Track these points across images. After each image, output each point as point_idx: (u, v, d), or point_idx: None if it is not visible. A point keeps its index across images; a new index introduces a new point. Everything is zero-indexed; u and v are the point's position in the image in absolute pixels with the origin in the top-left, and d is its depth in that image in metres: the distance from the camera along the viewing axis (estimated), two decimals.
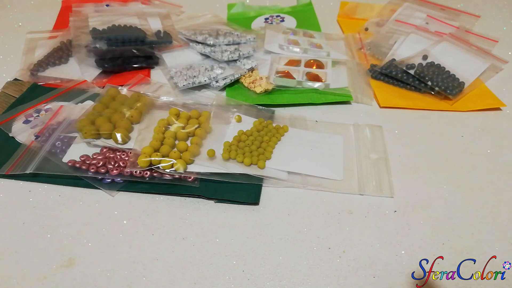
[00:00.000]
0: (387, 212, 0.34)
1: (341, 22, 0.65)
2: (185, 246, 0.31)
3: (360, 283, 0.29)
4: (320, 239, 0.32)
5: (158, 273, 0.29)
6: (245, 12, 0.66)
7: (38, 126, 0.39)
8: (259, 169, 0.36)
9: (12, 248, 0.30)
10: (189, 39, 0.53)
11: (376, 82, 0.50)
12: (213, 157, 0.36)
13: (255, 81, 0.47)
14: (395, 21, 0.58)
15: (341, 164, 0.38)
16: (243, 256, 0.30)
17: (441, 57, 0.50)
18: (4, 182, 0.35)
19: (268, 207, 0.34)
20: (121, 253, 0.30)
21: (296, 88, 0.47)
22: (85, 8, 0.57)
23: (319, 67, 0.50)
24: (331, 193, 0.35)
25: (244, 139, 0.38)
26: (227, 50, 0.50)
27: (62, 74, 0.48)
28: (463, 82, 0.48)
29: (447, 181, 0.37)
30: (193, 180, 0.35)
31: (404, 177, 0.37)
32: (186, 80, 0.46)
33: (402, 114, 0.45)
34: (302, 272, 0.29)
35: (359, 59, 0.54)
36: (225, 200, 0.34)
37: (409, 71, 0.48)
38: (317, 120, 0.43)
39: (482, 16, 0.62)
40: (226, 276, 0.29)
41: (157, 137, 0.37)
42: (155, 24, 0.55)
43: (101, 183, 0.35)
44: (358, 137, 0.41)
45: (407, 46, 0.52)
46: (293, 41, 0.55)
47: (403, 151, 0.40)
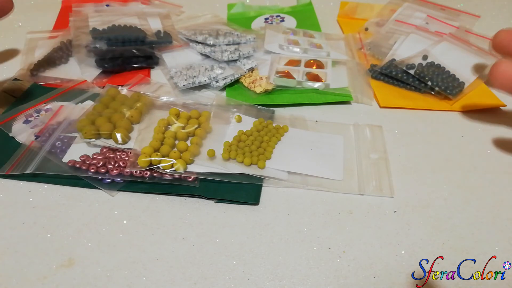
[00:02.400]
0: (387, 212, 0.34)
1: (341, 22, 0.65)
2: (185, 246, 0.31)
3: (360, 283, 0.29)
4: (320, 239, 0.32)
5: (158, 273, 0.29)
6: (245, 12, 0.66)
7: (38, 126, 0.39)
8: (259, 169, 0.36)
9: (12, 248, 0.30)
10: (189, 39, 0.53)
11: (376, 82, 0.50)
12: (213, 157, 0.36)
13: (255, 81, 0.47)
14: (395, 21, 0.58)
15: (341, 164, 0.38)
16: (243, 256, 0.30)
17: (441, 57, 0.50)
18: (4, 182, 0.35)
19: (268, 207, 0.34)
20: (121, 253, 0.30)
21: (296, 88, 0.47)
22: (85, 8, 0.57)
23: (319, 67, 0.50)
24: (331, 193, 0.35)
25: (244, 139, 0.38)
26: (227, 50, 0.50)
27: (62, 74, 0.48)
28: (463, 82, 0.48)
29: (447, 181, 0.37)
30: (193, 180, 0.35)
31: (404, 177, 0.37)
32: (186, 80, 0.46)
33: (402, 114, 0.45)
34: (302, 272, 0.29)
35: (359, 59, 0.54)
36: (225, 200, 0.34)
37: (409, 71, 0.48)
38: (317, 120, 0.43)
39: (482, 16, 0.62)
40: (226, 276, 0.29)
41: (157, 137, 0.37)
42: (155, 24, 0.55)
43: (101, 183, 0.35)
44: (358, 137, 0.41)
45: (407, 46, 0.52)
46: (293, 41, 0.55)
47: (403, 151, 0.40)
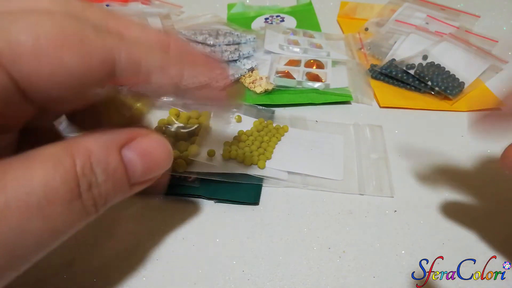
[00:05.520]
0: (387, 212, 0.34)
1: (341, 22, 0.65)
2: (185, 246, 0.31)
3: (360, 283, 0.29)
4: (320, 239, 0.32)
5: (158, 273, 0.29)
6: (245, 12, 0.66)
7: None
8: (259, 169, 0.36)
9: None
10: (189, 39, 0.53)
11: (376, 82, 0.50)
12: (213, 157, 0.36)
13: (255, 81, 0.47)
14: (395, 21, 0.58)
15: (341, 164, 0.38)
16: (243, 256, 0.30)
17: (441, 57, 0.50)
18: None
19: (268, 207, 0.34)
20: (121, 253, 0.30)
21: (296, 88, 0.47)
22: None
23: (319, 67, 0.50)
24: (331, 193, 0.35)
25: (244, 139, 0.38)
26: (227, 50, 0.50)
27: None
28: (463, 82, 0.48)
29: (447, 181, 0.37)
30: (193, 180, 0.35)
31: (404, 177, 0.37)
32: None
33: (402, 114, 0.45)
34: (302, 272, 0.29)
35: (359, 59, 0.54)
36: (225, 200, 0.34)
37: (409, 71, 0.48)
38: (317, 120, 0.43)
39: (482, 16, 0.62)
40: (226, 276, 0.29)
41: None
42: (155, 24, 0.55)
43: None
44: (358, 137, 0.41)
45: (407, 46, 0.52)
46: (293, 41, 0.55)
47: (403, 151, 0.40)
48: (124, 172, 0.18)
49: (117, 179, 0.18)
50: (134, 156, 0.18)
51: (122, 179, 0.18)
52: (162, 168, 0.20)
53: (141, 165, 0.19)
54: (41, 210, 0.15)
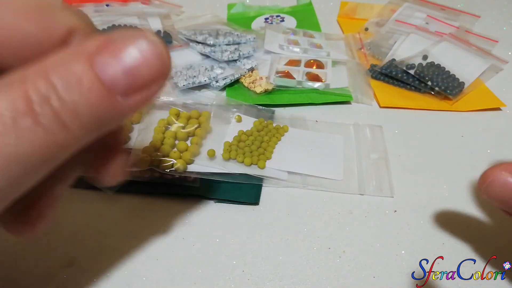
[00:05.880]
0: (387, 212, 0.34)
1: (341, 22, 0.65)
2: (185, 246, 0.31)
3: (360, 283, 0.29)
4: (320, 239, 0.32)
5: (158, 273, 0.29)
6: (245, 12, 0.66)
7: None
8: (259, 169, 0.36)
9: (12, 249, 0.30)
10: (189, 39, 0.53)
11: (376, 82, 0.50)
12: (213, 157, 0.36)
13: (255, 81, 0.47)
14: (395, 21, 0.58)
15: (341, 164, 0.38)
16: (243, 256, 0.30)
17: (441, 57, 0.50)
18: None
19: (268, 207, 0.34)
20: (121, 253, 0.30)
21: (296, 88, 0.47)
22: (85, 8, 0.57)
23: (319, 67, 0.50)
24: (331, 193, 0.35)
25: (244, 139, 0.38)
26: (227, 50, 0.50)
27: None
28: (463, 82, 0.48)
29: (447, 181, 0.37)
30: (193, 180, 0.35)
31: (404, 177, 0.37)
32: (186, 80, 0.46)
33: (402, 114, 0.45)
34: (302, 272, 0.29)
35: (359, 59, 0.54)
36: (225, 200, 0.34)
37: (409, 71, 0.48)
38: (317, 120, 0.43)
39: (482, 16, 0.62)
40: (226, 276, 0.29)
41: (157, 137, 0.37)
42: (155, 24, 0.55)
43: None
44: (358, 137, 0.41)
45: (407, 46, 0.52)
46: (293, 41, 0.55)
47: (403, 151, 0.40)
48: (95, 79, 0.15)
49: (86, 89, 0.15)
50: (107, 59, 0.16)
51: (93, 87, 0.15)
52: (152, 71, 0.16)
53: (121, 69, 0.16)
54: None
